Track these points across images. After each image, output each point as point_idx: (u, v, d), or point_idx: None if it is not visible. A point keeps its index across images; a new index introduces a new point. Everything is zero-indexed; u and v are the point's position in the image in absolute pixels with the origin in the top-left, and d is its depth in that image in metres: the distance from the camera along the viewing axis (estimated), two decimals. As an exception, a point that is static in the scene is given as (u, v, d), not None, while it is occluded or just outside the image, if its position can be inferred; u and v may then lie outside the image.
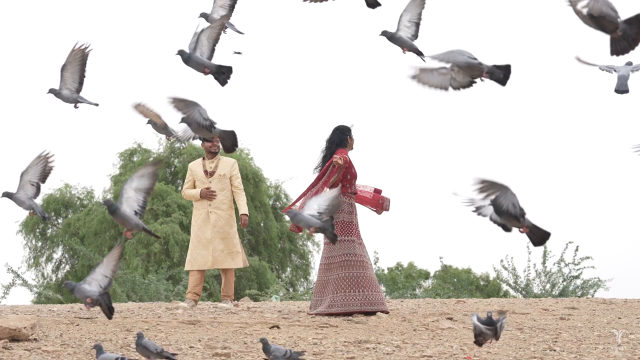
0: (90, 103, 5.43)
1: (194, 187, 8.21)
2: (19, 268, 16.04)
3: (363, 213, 7.39)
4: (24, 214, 19.99)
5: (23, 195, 5.31)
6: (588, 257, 14.35)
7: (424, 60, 5.33)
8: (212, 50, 5.26)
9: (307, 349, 5.22)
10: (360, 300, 6.96)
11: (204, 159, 8.31)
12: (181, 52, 5.19)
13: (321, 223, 5.05)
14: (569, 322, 7.05)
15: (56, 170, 5.66)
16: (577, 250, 14.35)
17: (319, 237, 18.34)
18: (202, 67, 5.21)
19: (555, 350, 5.47)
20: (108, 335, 5.51)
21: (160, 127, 5.41)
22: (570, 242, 14.35)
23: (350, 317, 6.74)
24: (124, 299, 13.61)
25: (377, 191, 7.48)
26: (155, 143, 21.35)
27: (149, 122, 5.42)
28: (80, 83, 5.36)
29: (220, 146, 8.33)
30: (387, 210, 7.48)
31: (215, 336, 5.64)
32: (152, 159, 20.22)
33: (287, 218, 20.53)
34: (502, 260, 14.61)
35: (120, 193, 4.57)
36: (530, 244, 4.29)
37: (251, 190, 18.93)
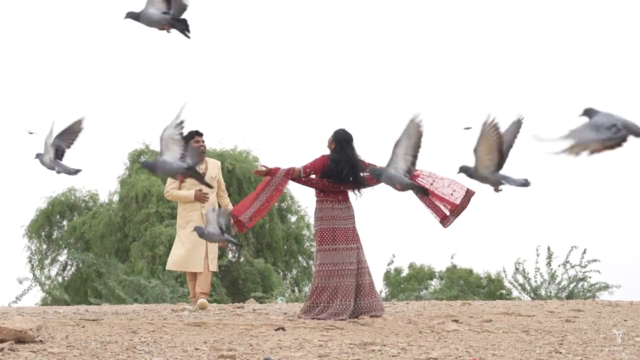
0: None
1: (179, 188, 8.16)
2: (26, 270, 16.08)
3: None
4: (28, 217, 20.05)
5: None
6: (595, 260, 14.34)
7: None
8: None
9: (313, 350, 5.22)
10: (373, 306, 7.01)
11: None
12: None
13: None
14: (575, 324, 7.04)
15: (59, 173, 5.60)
16: (584, 252, 14.34)
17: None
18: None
19: (561, 353, 5.46)
20: (114, 337, 5.51)
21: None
22: (575, 247, 14.36)
23: (355, 319, 6.75)
24: (129, 302, 13.62)
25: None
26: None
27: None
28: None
29: (206, 146, 8.31)
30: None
31: (220, 338, 5.65)
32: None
33: (292, 220, 20.53)
34: (516, 261, 14.63)
35: None
36: (537, 246, 4.26)
37: (256, 192, 18.89)
